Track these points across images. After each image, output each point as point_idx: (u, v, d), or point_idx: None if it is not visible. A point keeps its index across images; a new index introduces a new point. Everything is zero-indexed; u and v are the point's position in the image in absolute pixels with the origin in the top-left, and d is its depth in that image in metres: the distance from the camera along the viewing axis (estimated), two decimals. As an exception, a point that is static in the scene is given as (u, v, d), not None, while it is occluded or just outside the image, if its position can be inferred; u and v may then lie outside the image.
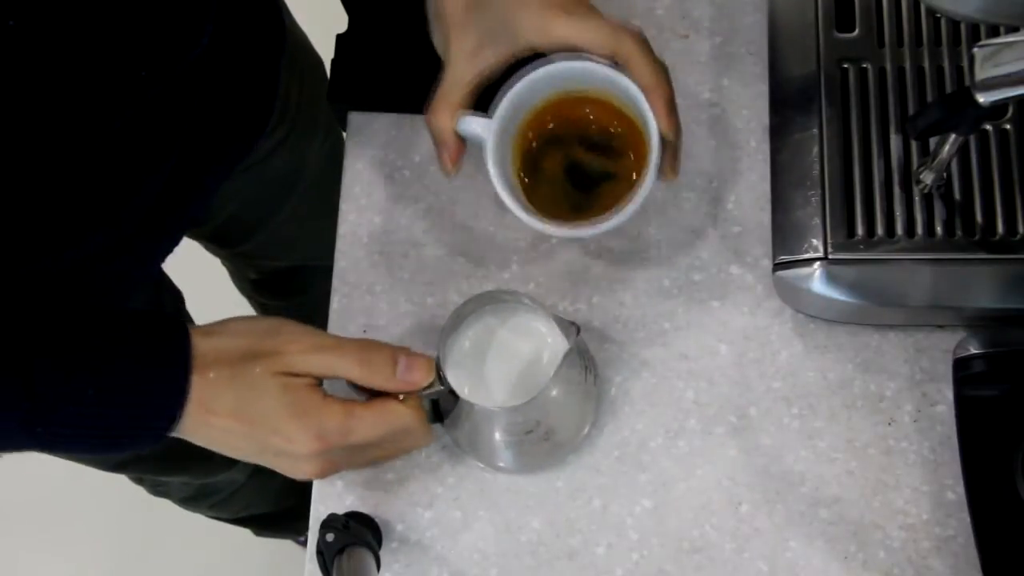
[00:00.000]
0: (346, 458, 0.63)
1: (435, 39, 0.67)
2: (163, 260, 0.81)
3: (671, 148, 0.65)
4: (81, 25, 0.55)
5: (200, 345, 0.60)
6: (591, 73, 0.66)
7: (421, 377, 0.62)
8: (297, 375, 0.60)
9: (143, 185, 0.67)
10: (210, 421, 0.60)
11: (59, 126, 0.58)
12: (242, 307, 1.22)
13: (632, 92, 0.64)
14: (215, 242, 1.05)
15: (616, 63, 0.65)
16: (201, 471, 1.11)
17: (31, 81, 0.54)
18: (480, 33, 0.64)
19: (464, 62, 0.64)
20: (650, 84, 0.63)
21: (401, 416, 0.62)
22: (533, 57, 0.66)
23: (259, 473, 1.16)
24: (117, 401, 0.59)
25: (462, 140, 0.67)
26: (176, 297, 1.01)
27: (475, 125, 0.66)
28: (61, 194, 0.62)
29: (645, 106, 0.64)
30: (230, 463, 1.11)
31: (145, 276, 0.81)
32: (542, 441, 0.67)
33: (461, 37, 0.64)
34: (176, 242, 0.79)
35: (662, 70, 0.64)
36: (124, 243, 0.70)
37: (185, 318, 1.02)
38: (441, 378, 0.63)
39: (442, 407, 0.65)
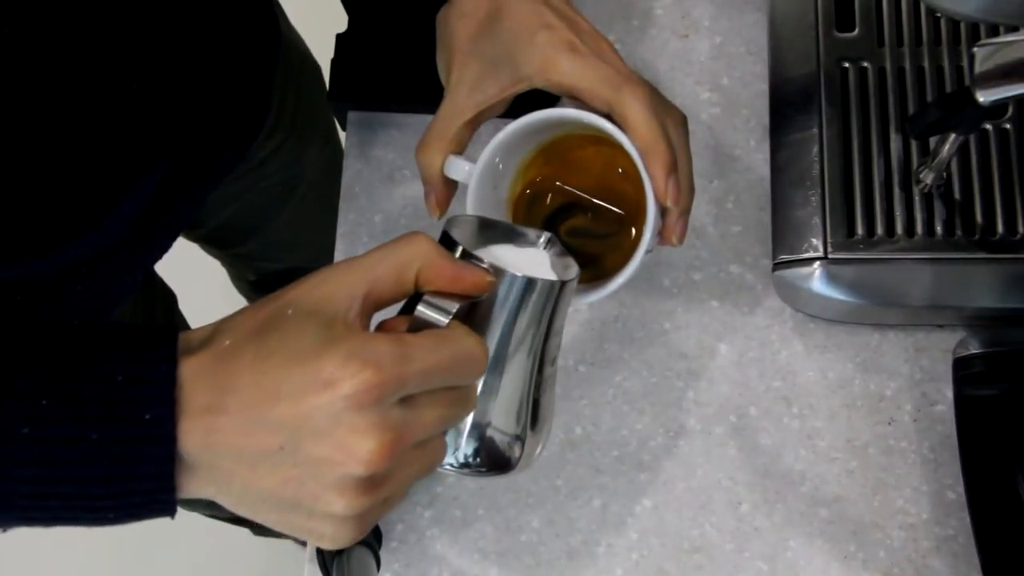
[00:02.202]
0: (408, 424, 0.45)
1: (439, 66, 0.64)
2: (151, 266, 0.80)
3: (674, 213, 0.59)
4: (75, 36, 0.54)
5: (196, 332, 0.47)
6: (585, 121, 0.59)
7: (483, 275, 0.49)
8: (340, 309, 0.46)
9: (131, 192, 0.66)
10: (218, 425, 0.44)
11: (48, 135, 0.57)
12: (239, 307, 1.22)
13: (630, 151, 0.58)
14: (212, 244, 1.05)
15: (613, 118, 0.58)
16: None
17: (21, 89, 0.53)
18: (483, 64, 0.60)
19: (464, 94, 0.61)
20: (646, 146, 0.57)
21: (460, 336, 0.47)
22: (542, 103, 0.60)
23: None
24: (86, 413, 0.44)
25: (451, 182, 0.62)
26: (168, 298, 1.01)
27: (464, 168, 0.60)
28: (46, 200, 0.60)
29: (643, 169, 0.57)
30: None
31: (133, 282, 0.81)
32: (549, 387, 0.56)
33: (464, 66, 0.61)
34: (166, 249, 0.78)
35: (664, 130, 0.57)
36: (111, 250, 0.69)
37: (178, 319, 1.02)
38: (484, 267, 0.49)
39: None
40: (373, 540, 0.67)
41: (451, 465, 0.53)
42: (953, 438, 0.67)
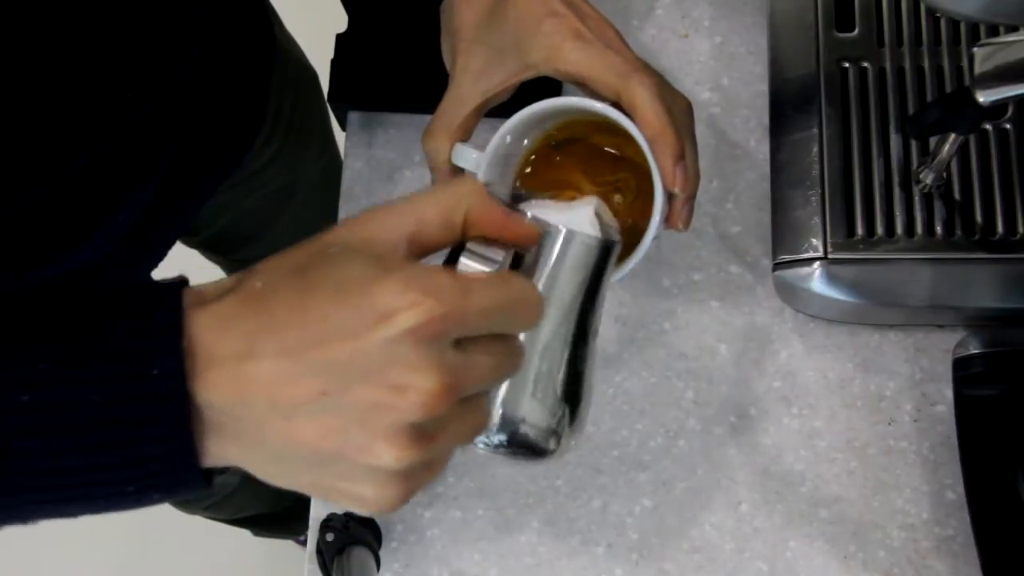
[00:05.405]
0: (464, 370, 0.40)
1: (444, 54, 0.64)
2: (147, 276, 0.80)
3: (680, 199, 0.59)
4: (67, 46, 0.54)
5: (213, 284, 0.42)
6: (592, 110, 0.59)
7: (532, 225, 0.46)
8: (387, 249, 0.42)
9: (126, 202, 0.65)
10: (250, 372, 0.39)
11: (38, 146, 0.56)
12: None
13: (638, 138, 0.58)
14: (211, 250, 1.04)
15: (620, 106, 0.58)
16: None
17: (10, 99, 0.53)
18: (489, 52, 0.60)
19: (469, 81, 0.60)
20: (654, 134, 0.57)
21: (514, 280, 0.43)
22: (547, 89, 0.59)
23: (252, 476, 1.13)
24: (87, 374, 0.39)
25: (459, 169, 0.61)
26: None
27: (471, 157, 0.60)
28: (38, 213, 0.60)
29: (651, 157, 0.57)
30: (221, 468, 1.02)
31: None
32: (590, 362, 0.52)
33: (469, 54, 0.61)
34: (161, 257, 0.77)
35: (671, 118, 0.57)
36: (104, 261, 0.68)
37: None
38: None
39: None
40: (373, 540, 0.67)
41: (484, 443, 0.50)
42: (953, 438, 0.67)
